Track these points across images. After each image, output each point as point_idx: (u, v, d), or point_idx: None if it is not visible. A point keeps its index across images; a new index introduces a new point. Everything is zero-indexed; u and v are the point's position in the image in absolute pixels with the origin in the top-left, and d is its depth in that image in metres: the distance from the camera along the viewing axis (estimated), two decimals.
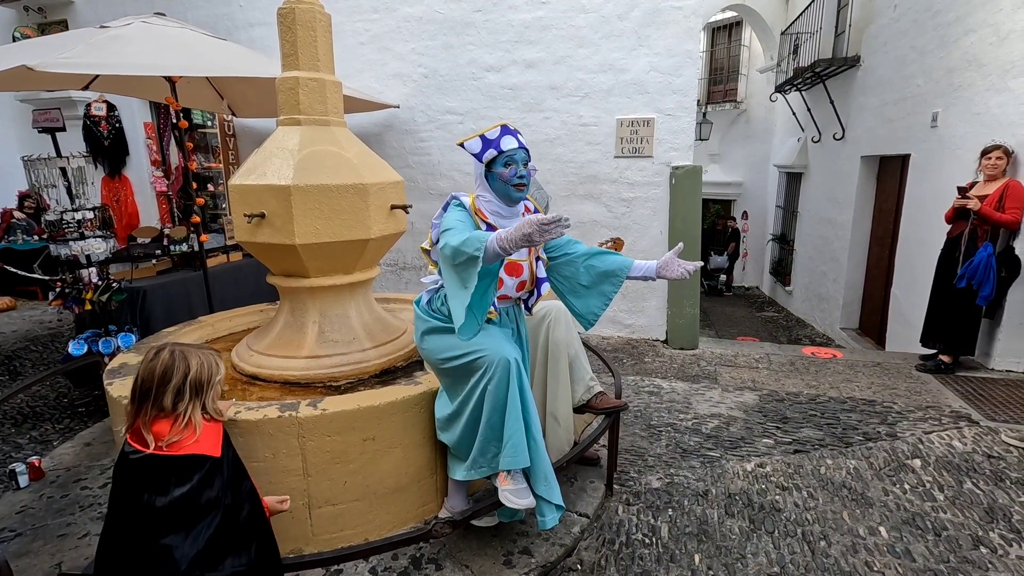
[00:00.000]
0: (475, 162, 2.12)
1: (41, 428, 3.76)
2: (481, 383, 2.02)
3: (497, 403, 2.00)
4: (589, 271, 2.29)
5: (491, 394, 2.00)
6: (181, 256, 4.63)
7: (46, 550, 2.36)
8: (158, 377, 1.55)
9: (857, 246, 7.27)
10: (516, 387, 2.00)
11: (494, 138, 2.06)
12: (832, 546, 2.41)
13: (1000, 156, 4.18)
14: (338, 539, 2.30)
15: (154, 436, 1.52)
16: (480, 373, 2.02)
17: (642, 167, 5.47)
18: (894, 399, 3.96)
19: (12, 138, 7.99)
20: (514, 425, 1.99)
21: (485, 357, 2.00)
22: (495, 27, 5.59)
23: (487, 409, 2.03)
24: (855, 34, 7.21)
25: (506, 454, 2.00)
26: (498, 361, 1.98)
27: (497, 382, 1.98)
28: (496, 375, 1.98)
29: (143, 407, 1.55)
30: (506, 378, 1.98)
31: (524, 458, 2.00)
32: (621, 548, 2.43)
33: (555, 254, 2.32)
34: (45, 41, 4.48)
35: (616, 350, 5.36)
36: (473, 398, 2.07)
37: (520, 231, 1.71)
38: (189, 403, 1.57)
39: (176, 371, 1.56)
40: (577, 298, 2.34)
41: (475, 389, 2.05)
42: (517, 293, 2.21)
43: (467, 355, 2.03)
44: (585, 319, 2.34)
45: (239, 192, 2.72)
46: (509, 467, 2.01)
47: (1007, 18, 4.44)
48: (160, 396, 1.54)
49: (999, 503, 2.69)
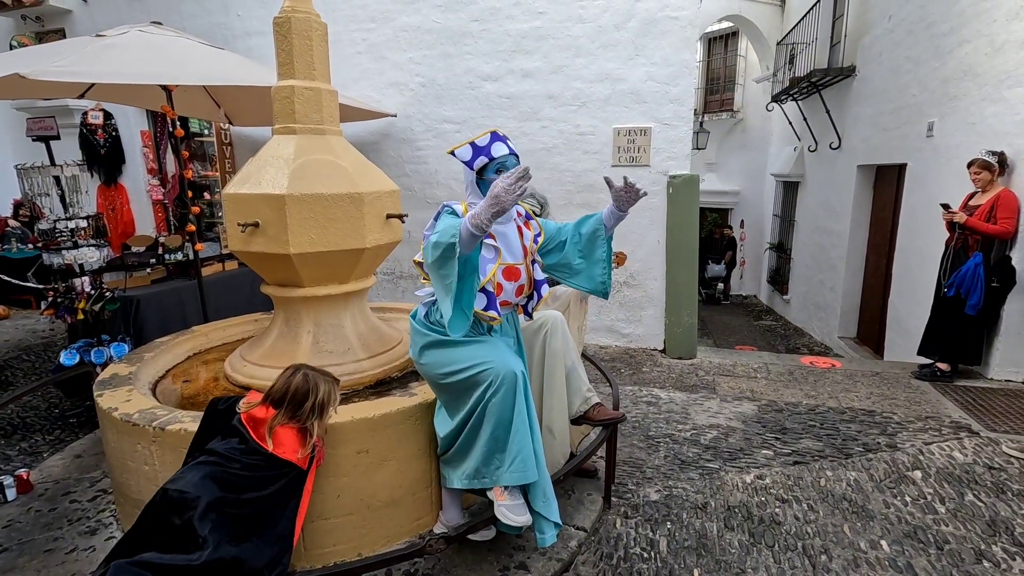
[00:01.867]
0: (465, 170, 2.11)
1: (31, 439, 3.70)
2: (485, 396, 1.98)
3: (503, 417, 1.96)
4: (575, 245, 2.34)
5: (495, 407, 1.96)
6: (176, 265, 4.60)
7: (32, 565, 2.31)
8: (299, 393, 1.97)
9: (854, 255, 7.28)
10: (523, 400, 1.97)
11: (484, 145, 2.06)
12: (833, 560, 2.37)
13: (977, 171, 4.21)
14: (331, 554, 2.26)
15: (276, 440, 1.93)
16: (484, 387, 1.97)
17: (639, 176, 5.43)
18: (894, 409, 3.94)
19: (7, 146, 7.96)
20: (522, 440, 1.96)
21: (490, 370, 1.96)
22: (492, 37, 5.60)
23: (491, 423, 1.98)
24: (850, 44, 7.26)
25: (514, 468, 1.96)
26: (504, 374, 1.95)
27: (503, 395, 1.95)
28: (502, 388, 1.95)
29: (279, 412, 1.96)
30: (512, 392, 1.95)
31: (533, 472, 1.97)
32: (619, 563, 2.39)
33: (550, 246, 2.34)
34: (40, 49, 4.47)
35: (614, 360, 5.33)
36: (476, 412, 2.02)
37: (488, 199, 1.72)
38: (315, 420, 1.99)
39: (312, 392, 1.98)
40: (581, 276, 2.37)
41: (479, 403, 2.00)
42: (517, 298, 2.19)
43: (470, 368, 1.99)
44: (599, 291, 2.38)
45: (233, 201, 2.69)
46: (517, 482, 1.98)
47: (1001, 28, 4.46)
48: (294, 409, 1.97)
49: (1001, 515, 2.65)
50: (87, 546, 2.43)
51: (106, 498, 2.78)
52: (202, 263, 4.45)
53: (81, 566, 2.31)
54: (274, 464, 1.92)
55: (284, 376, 2.02)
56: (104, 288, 3.95)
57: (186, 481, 1.79)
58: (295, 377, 2.00)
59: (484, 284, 2.02)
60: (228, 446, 1.92)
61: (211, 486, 1.79)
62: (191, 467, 1.87)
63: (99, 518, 2.63)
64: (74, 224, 3.84)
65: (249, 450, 1.91)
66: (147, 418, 2.28)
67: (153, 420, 2.26)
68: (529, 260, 2.19)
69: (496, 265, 2.06)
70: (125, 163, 7.20)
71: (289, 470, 1.94)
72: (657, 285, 5.55)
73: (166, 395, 2.81)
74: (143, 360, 3.00)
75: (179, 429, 2.19)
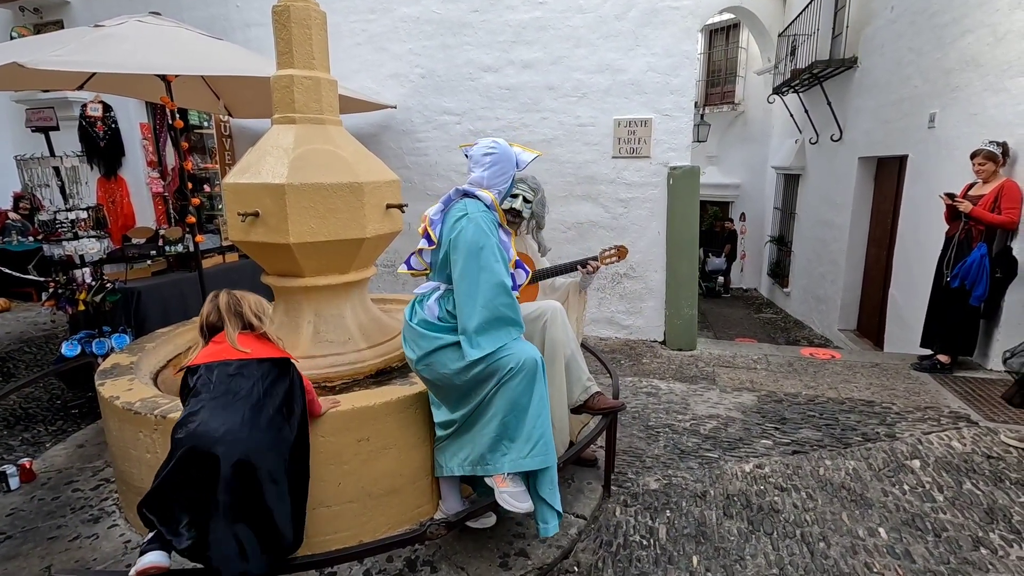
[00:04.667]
0: (503, 166, 2.13)
1: (34, 430, 3.72)
2: (500, 381, 1.98)
3: (519, 403, 1.97)
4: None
5: (509, 392, 1.97)
6: (176, 257, 4.60)
7: (36, 553, 2.33)
8: (232, 307, 2.00)
9: (855, 247, 7.26)
10: (542, 386, 1.99)
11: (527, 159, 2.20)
12: (831, 547, 2.39)
13: (982, 162, 4.19)
14: (332, 541, 2.27)
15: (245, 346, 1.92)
16: (503, 373, 1.97)
17: (640, 167, 5.45)
18: (893, 400, 3.94)
19: (7, 138, 7.95)
20: (543, 424, 1.99)
21: (511, 355, 1.97)
22: (492, 27, 5.57)
23: (502, 408, 1.99)
24: (852, 35, 7.22)
25: (536, 452, 1.98)
26: (524, 360, 1.97)
27: (522, 380, 1.96)
28: (521, 373, 1.96)
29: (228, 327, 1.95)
30: (532, 377, 1.97)
31: (553, 456, 1.99)
32: (619, 550, 2.40)
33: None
34: (39, 39, 4.46)
35: (614, 351, 5.34)
36: (484, 399, 2.03)
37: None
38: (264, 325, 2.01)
39: (239, 300, 2.02)
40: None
41: (493, 388, 2.00)
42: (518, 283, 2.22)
43: (490, 357, 1.98)
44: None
45: (233, 191, 2.69)
46: (540, 466, 1.99)
47: (1004, 18, 4.43)
48: (240, 320, 1.98)
49: (999, 504, 2.67)
50: (90, 534, 2.45)
51: (109, 487, 2.79)
52: (202, 255, 4.45)
53: (84, 553, 2.33)
54: (262, 363, 1.88)
55: (208, 307, 2.01)
56: (105, 279, 3.96)
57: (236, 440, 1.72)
58: (218, 297, 2.00)
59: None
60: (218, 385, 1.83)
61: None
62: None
63: (102, 506, 2.64)
64: (74, 215, 3.85)
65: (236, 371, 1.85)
66: (149, 407, 2.29)
67: (155, 408, 2.27)
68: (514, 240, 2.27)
69: (514, 254, 2.15)
70: (125, 155, 7.19)
71: (280, 363, 1.92)
72: (657, 277, 5.55)
73: (167, 384, 2.82)
74: (144, 350, 3.01)
75: None
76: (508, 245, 2.13)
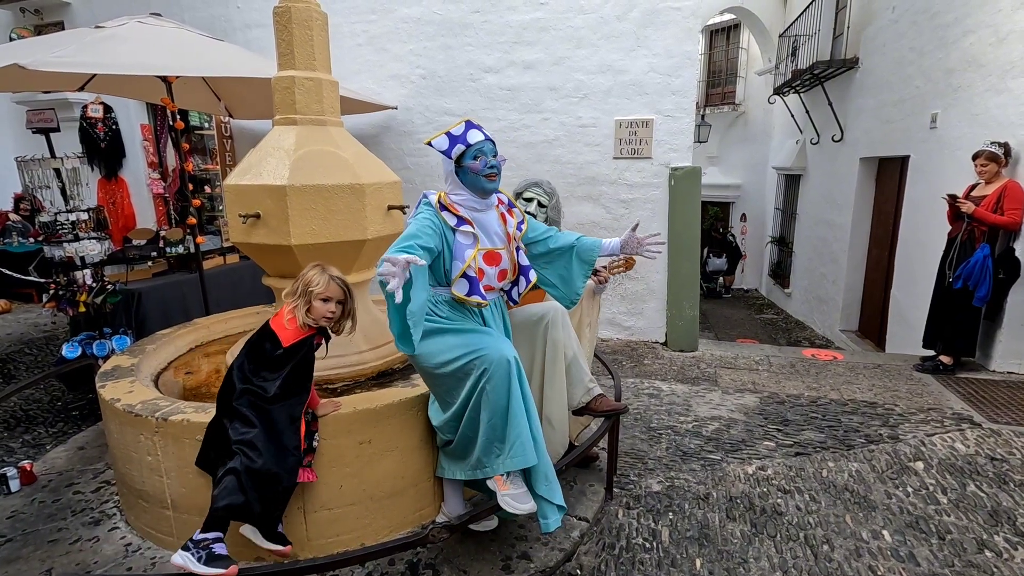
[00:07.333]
0: (444, 160, 2.12)
1: (34, 432, 3.71)
2: (479, 384, 1.98)
3: (498, 405, 1.97)
4: (565, 264, 2.38)
5: (490, 395, 1.97)
6: (177, 258, 4.60)
7: (36, 556, 2.32)
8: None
9: (856, 248, 7.26)
10: (517, 386, 1.97)
11: (460, 133, 2.08)
12: (835, 550, 2.38)
13: (984, 163, 4.17)
14: (334, 544, 2.26)
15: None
16: (478, 375, 1.98)
17: (641, 168, 5.45)
18: (895, 401, 3.93)
19: (7, 140, 7.95)
20: (519, 424, 1.97)
21: (483, 357, 1.97)
22: (493, 28, 5.57)
23: (488, 411, 1.99)
24: (853, 36, 7.21)
25: (513, 454, 1.97)
26: (496, 360, 1.95)
27: (497, 383, 1.95)
28: (495, 375, 1.95)
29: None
30: (506, 378, 1.95)
31: (532, 456, 1.97)
32: (621, 552, 2.39)
33: (538, 250, 2.36)
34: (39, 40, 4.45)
35: (615, 352, 5.33)
36: (471, 400, 2.03)
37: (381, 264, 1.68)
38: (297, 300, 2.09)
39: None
40: (556, 287, 2.41)
41: (472, 392, 2.01)
42: (500, 283, 2.18)
43: (463, 357, 1.99)
44: (567, 300, 2.43)
45: (234, 192, 2.69)
46: (518, 467, 1.98)
47: (1006, 19, 4.43)
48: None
49: (1003, 506, 2.65)
50: (91, 536, 2.44)
51: (109, 489, 2.78)
52: (203, 256, 4.45)
53: (85, 556, 2.32)
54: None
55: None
56: (106, 281, 3.96)
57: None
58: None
59: (464, 270, 2.03)
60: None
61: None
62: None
63: (102, 509, 2.63)
64: (75, 216, 3.84)
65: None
66: (149, 409, 2.28)
67: (156, 411, 2.26)
68: (513, 247, 2.19)
69: (475, 250, 2.06)
70: (125, 157, 7.18)
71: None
72: (659, 278, 5.54)
73: (168, 387, 2.81)
74: (145, 352, 3.00)
75: (181, 420, 2.19)
76: (466, 226, 2.06)
